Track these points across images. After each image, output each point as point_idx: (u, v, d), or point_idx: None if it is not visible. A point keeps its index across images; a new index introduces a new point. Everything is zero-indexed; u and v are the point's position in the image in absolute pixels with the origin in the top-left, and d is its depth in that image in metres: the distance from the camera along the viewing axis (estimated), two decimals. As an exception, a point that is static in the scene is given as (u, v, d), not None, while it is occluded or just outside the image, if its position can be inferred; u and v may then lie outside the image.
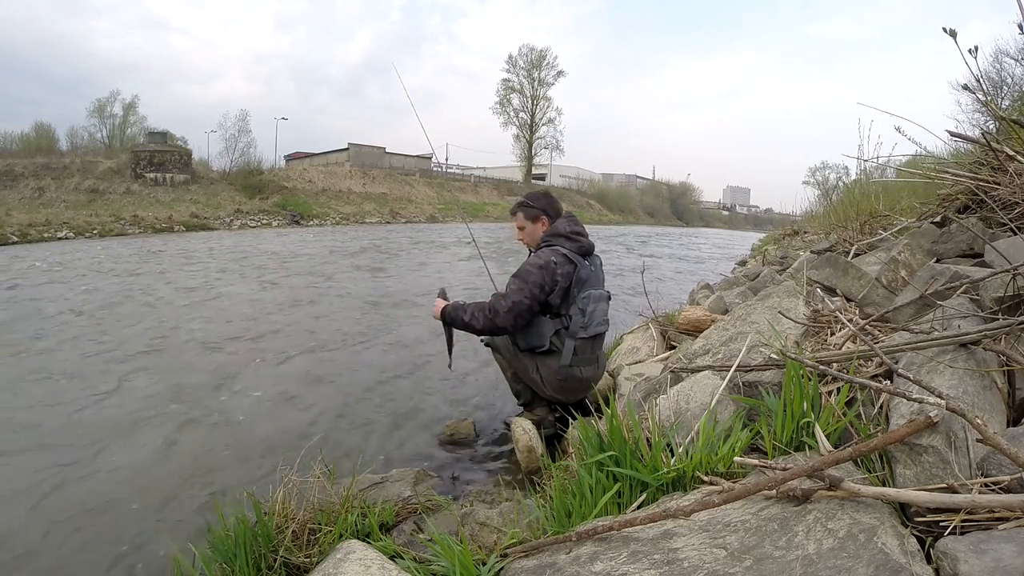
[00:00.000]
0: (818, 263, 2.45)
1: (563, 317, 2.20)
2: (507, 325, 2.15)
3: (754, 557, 0.88)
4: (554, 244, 2.24)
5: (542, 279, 2.13)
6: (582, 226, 2.34)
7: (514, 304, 2.11)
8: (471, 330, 2.23)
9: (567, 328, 2.19)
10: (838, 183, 7.68)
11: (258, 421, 2.68)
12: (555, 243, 2.25)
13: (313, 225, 22.79)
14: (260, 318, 4.91)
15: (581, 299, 2.18)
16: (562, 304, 2.19)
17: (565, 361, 2.17)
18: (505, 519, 1.40)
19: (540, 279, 2.13)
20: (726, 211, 76.27)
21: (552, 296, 2.16)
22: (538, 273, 2.13)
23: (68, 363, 3.51)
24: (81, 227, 16.27)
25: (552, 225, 2.32)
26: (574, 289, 2.18)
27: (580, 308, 2.18)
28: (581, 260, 2.22)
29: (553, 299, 2.17)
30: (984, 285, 1.48)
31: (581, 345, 2.19)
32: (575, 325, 2.18)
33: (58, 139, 26.88)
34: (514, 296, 2.12)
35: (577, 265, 2.19)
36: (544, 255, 2.19)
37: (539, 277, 2.13)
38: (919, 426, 0.95)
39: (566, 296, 2.18)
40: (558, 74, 44.72)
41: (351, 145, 35.14)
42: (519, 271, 2.19)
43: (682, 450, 1.30)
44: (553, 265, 2.15)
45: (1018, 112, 4.96)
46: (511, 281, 2.18)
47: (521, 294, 2.12)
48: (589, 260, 2.28)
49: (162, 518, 1.86)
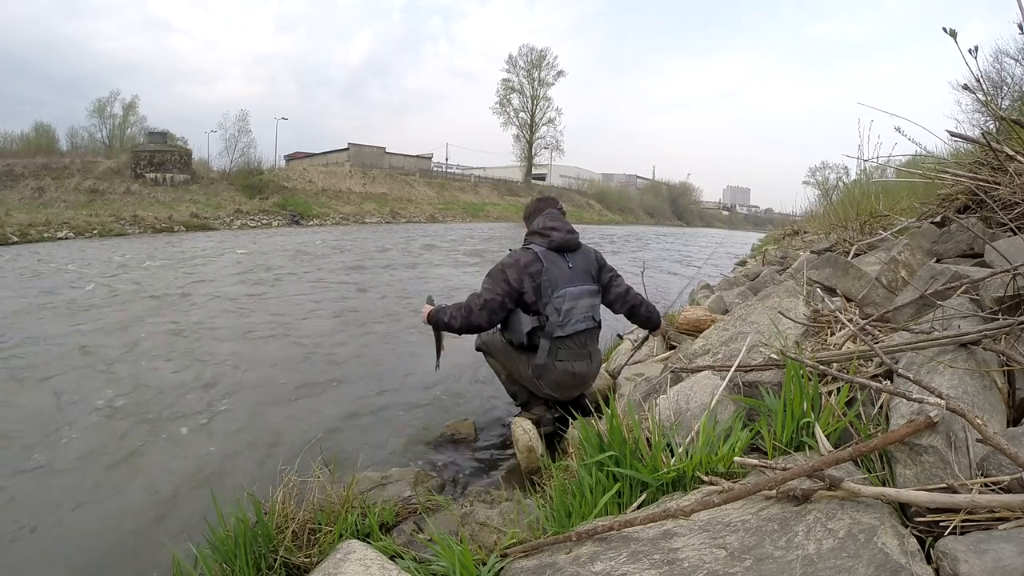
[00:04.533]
0: (818, 263, 2.45)
1: (540, 316, 2.22)
2: (482, 322, 2.22)
3: (754, 557, 0.88)
4: (529, 242, 2.32)
5: (508, 276, 2.19)
6: (562, 220, 2.36)
7: (486, 302, 2.19)
8: (452, 329, 2.29)
9: (543, 328, 2.20)
10: (838, 183, 7.67)
11: (258, 421, 2.68)
12: (530, 240, 2.32)
13: (313, 225, 22.79)
14: (259, 317, 4.91)
15: (555, 298, 2.17)
16: (536, 302, 2.20)
17: (540, 359, 2.19)
18: (505, 519, 1.40)
19: (507, 276, 2.19)
20: (726, 211, 76.25)
21: (527, 295, 2.19)
22: (504, 272, 2.20)
23: (47, 366, 3.51)
24: (81, 227, 16.26)
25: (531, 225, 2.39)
26: (546, 288, 2.18)
27: (555, 307, 2.17)
28: (556, 257, 2.23)
29: (528, 297, 2.19)
30: (984, 285, 1.48)
31: (560, 343, 2.19)
32: (551, 324, 2.18)
33: (58, 139, 26.87)
34: (485, 295, 2.20)
35: (543, 264, 2.20)
36: (515, 254, 2.26)
37: (508, 275, 2.19)
38: (919, 426, 0.95)
39: (539, 294, 2.19)
40: (558, 74, 44.67)
41: (351, 145, 35.14)
42: (491, 270, 2.27)
43: (682, 450, 1.30)
44: (520, 264, 2.20)
45: (1018, 112, 4.96)
46: (484, 279, 2.26)
47: (491, 292, 2.19)
48: (569, 256, 2.27)
49: (162, 518, 1.86)
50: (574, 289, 2.22)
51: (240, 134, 27.43)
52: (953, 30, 1.68)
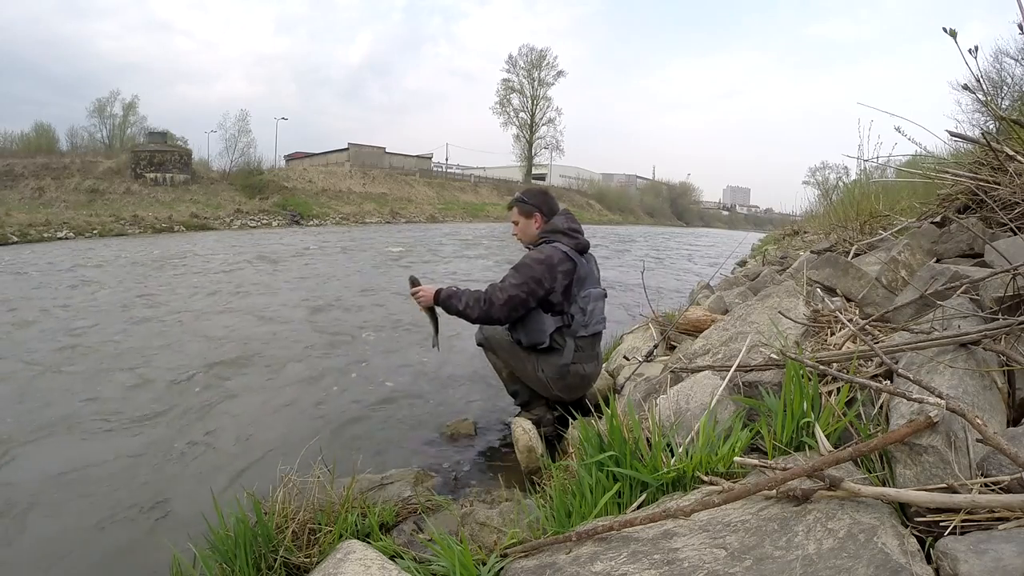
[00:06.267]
0: (818, 263, 2.45)
1: (565, 315, 2.20)
2: (502, 316, 2.14)
3: (754, 557, 0.88)
4: (553, 240, 2.24)
5: (541, 275, 2.12)
6: (578, 223, 2.35)
7: (510, 298, 2.10)
8: (466, 318, 2.19)
9: (568, 326, 2.19)
10: (838, 183, 7.66)
11: (258, 421, 2.68)
12: (554, 239, 2.24)
13: (313, 225, 22.79)
14: (258, 318, 4.91)
15: (581, 298, 2.19)
16: (564, 302, 2.18)
17: (567, 359, 2.17)
18: (505, 519, 1.40)
19: (539, 274, 2.12)
20: (726, 211, 76.27)
21: (554, 294, 2.15)
22: (538, 268, 2.13)
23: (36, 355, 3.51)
24: (81, 227, 16.27)
25: (549, 222, 2.31)
26: (575, 287, 2.18)
27: (581, 307, 2.18)
28: (579, 258, 2.23)
29: (555, 297, 2.16)
30: (984, 285, 1.48)
31: (582, 343, 2.20)
32: (576, 324, 2.18)
33: (58, 139, 26.96)
34: (511, 290, 2.11)
35: (576, 263, 2.19)
36: (545, 251, 2.18)
37: (538, 272, 2.12)
38: (919, 426, 0.95)
39: (567, 294, 2.18)
40: (558, 74, 44.75)
41: (351, 145, 35.16)
42: (519, 264, 2.17)
43: (682, 450, 1.30)
44: (554, 261, 2.14)
45: (1018, 112, 4.96)
46: (510, 273, 2.16)
47: (518, 288, 2.10)
48: (586, 257, 2.28)
49: (162, 518, 1.86)
50: (595, 291, 2.24)
51: (240, 134, 27.50)
52: (953, 30, 1.68)
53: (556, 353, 2.20)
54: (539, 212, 2.33)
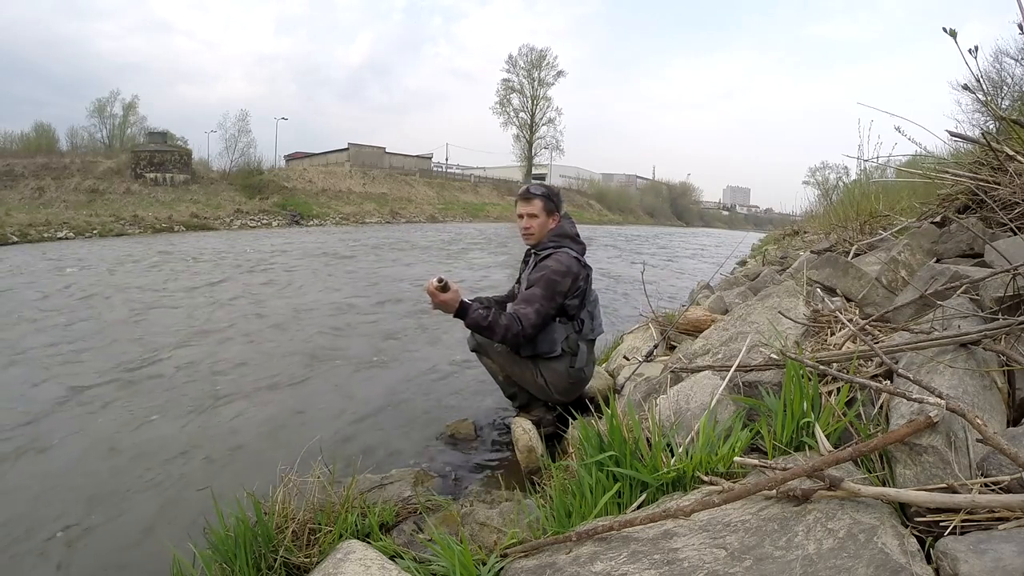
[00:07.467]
0: (818, 263, 2.44)
1: (575, 321, 2.20)
2: (532, 336, 2.09)
3: (754, 557, 0.88)
4: (563, 246, 2.21)
5: (566, 287, 2.09)
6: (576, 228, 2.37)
7: (543, 318, 2.05)
8: (492, 339, 2.08)
9: (579, 332, 2.20)
10: (838, 183, 7.68)
11: (257, 421, 2.68)
12: (563, 244, 2.21)
13: (313, 225, 22.78)
14: (257, 317, 4.91)
15: (590, 303, 2.22)
16: (578, 308, 2.19)
17: (580, 364, 2.17)
18: (505, 519, 1.40)
19: (565, 288, 2.09)
20: (726, 211, 76.30)
21: (569, 301, 2.15)
22: (564, 282, 2.09)
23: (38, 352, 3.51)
24: (81, 227, 16.26)
25: (559, 224, 2.28)
26: (588, 294, 2.21)
27: (589, 312, 2.20)
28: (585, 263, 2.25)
29: (571, 303, 2.15)
30: (984, 285, 1.48)
31: (589, 347, 2.25)
32: (586, 328, 2.20)
33: (58, 139, 26.90)
34: (543, 310, 2.05)
35: (590, 270, 2.22)
36: (564, 261, 2.13)
37: (564, 286, 2.09)
38: (919, 426, 0.95)
39: (582, 301, 2.18)
40: (558, 74, 44.68)
41: (351, 145, 35.14)
42: (543, 279, 2.08)
43: (682, 450, 1.30)
44: (575, 271, 2.13)
45: (1018, 112, 4.96)
46: (534, 290, 2.07)
47: (548, 304, 2.06)
48: None
49: (162, 518, 1.86)
50: (596, 295, 2.27)
51: (240, 134, 27.49)
52: (953, 30, 1.68)
53: (562, 359, 2.18)
54: (558, 213, 2.28)
